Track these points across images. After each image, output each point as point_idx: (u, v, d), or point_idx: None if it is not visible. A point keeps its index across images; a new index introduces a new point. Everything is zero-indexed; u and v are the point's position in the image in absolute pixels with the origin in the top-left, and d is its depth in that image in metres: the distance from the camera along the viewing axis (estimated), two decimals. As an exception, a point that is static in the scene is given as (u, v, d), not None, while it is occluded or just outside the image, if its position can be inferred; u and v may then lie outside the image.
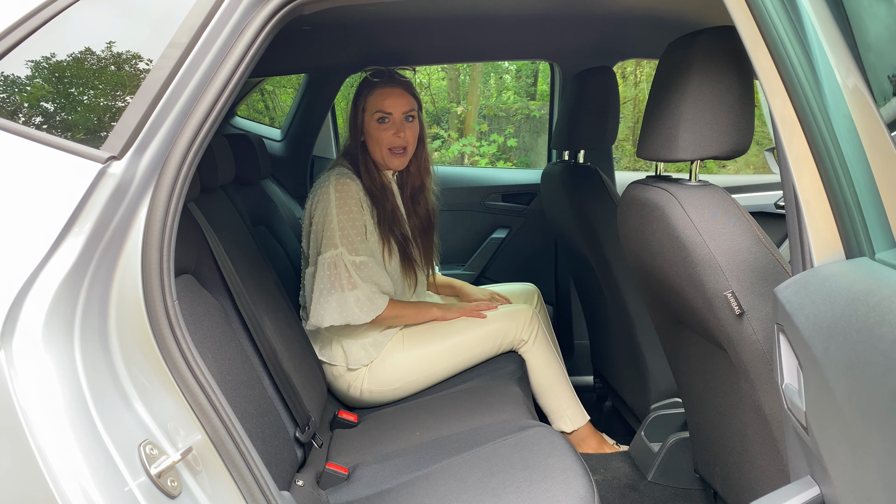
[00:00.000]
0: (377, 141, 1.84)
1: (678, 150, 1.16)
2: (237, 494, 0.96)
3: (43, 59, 0.95)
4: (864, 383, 0.70)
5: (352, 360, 1.85)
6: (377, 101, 1.83)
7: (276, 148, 2.88)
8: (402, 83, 1.87)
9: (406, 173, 1.98)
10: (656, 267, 1.29)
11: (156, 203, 0.93)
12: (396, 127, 1.84)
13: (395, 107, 1.83)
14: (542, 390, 1.98)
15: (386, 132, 1.83)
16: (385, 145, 1.84)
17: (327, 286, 1.75)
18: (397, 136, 1.84)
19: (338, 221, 1.76)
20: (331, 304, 1.74)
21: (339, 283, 1.74)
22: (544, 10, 2.09)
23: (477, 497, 1.25)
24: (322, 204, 1.79)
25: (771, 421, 1.14)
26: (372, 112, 1.83)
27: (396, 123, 1.84)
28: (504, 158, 6.70)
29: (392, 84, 1.85)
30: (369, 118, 1.84)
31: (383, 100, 1.83)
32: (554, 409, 1.99)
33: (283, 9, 0.98)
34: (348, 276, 1.75)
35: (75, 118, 0.95)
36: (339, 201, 1.77)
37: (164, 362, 0.93)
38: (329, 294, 1.75)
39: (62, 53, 0.96)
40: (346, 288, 1.74)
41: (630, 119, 6.62)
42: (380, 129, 1.83)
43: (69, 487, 0.78)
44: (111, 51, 0.96)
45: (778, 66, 0.88)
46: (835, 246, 0.87)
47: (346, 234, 1.76)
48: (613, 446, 2.03)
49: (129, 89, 0.94)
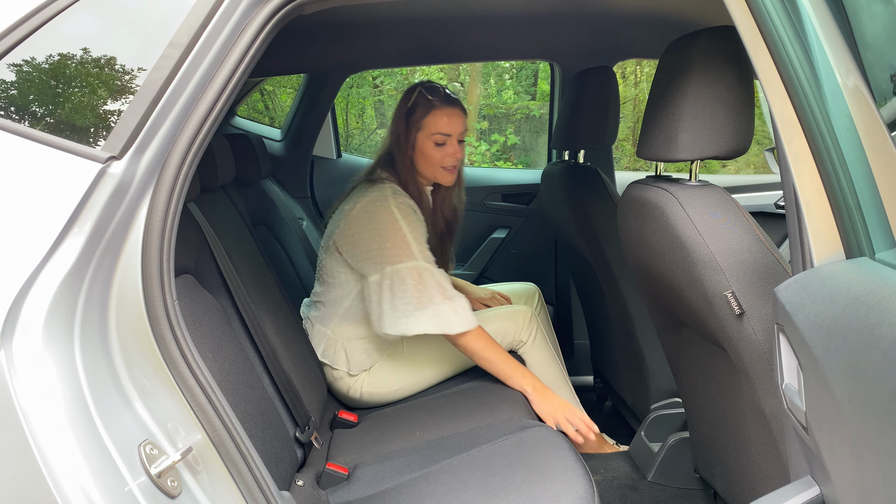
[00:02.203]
0: (431, 160, 1.82)
1: (678, 150, 1.16)
2: (237, 494, 0.96)
3: (43, 58, 0.95)
4: (864, 383, 0.70)
5: (353, 365, 1.85)
6: (437, 122, 1.79)
7: (276, 148, 2.88)
8: (458, 103, 1.85)
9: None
10: (656, 267, 1.29)
11: (156, 203, 0.93)
12: (453, 147, 1.82)
13: (454, 128, 1.81)
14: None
15: (441, 152, 1.81)
16: (438, 164, 1.83)
17: (413, 298, 1.69)
18: (453, 156, 1.83)
19: (412, 236, 1.72)
20: (423, 315, 1.69)
21: (428, 294, 1.69)
22: (544, 10, 2.09)
23: (477, 497, 1.25)
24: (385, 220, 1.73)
25: (771, 421, 1.14)
26: (430, 133, 1.80)
27: (453, 144, 1.82)
28: (504, 158, 6.70)
29: (451, 104, 1.82)
30: (425, 137, 1.81)
31: (444, 121, 1.80)
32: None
33: (283, 9, 0.98)
34: (440, 288, 1.70)
35: (75, 118, 0.95)
36: (405, 218, 1.74)
37: (164, 362, 0.93)
38: (421, 307, 1.69)
39: (62, 53, 0.96)
40: (438, 300, 1.69)
41: (630, 119, 6.62)
42: (437, 150, 1.81)
43: (69, 487, 0.78)
44: (111, 51, 0.96)
45: (778, 66, 0.88)
46: (835, 246, 0.87)
47: (422, 248, 1.74)
48: (613, 446, 2.03)
49: (129, 89, 0.94)
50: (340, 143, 3.07)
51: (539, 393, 1.72)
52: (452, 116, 1.81)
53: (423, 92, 1.82)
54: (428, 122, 1.80)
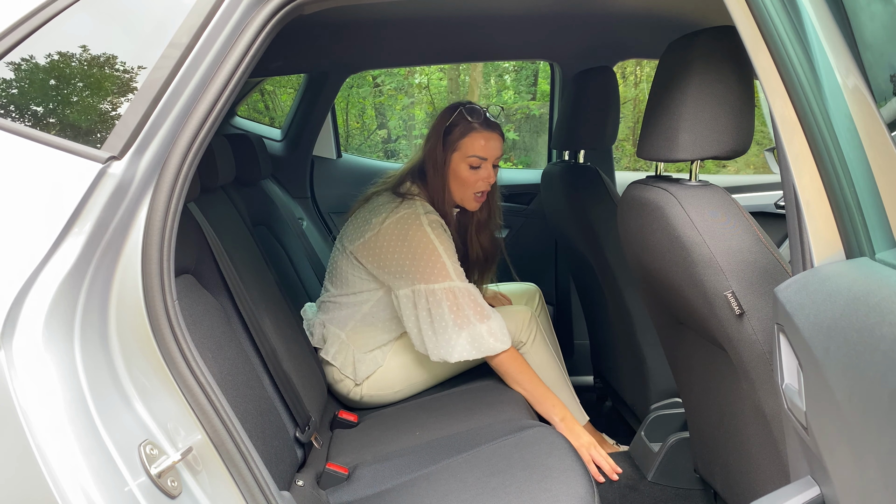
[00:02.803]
0: (464, 183, 1.80)
1: (678, 150, 1.16)
2: (237, 494, 0.96)
3: (43, 58, 0.95)
4: (864, 383, 0.70)
5: (359, 375, 1.85)
6: (475, 144, 1.77)
7: (276, 148, 2.88)
8: (497, 127, 1.82)
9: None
10: (656, 267, 1.29)
11: (156, 203, 0.93)
12: (488, 172, 1.80)
13: (491, 152, 1.79)
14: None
15: (475, 176, 1.79)
16: (471, 189, 1.80)
17: (450, 320, 1.68)
18: (486, 182, 1.81)
19: (446, 255, 1.71)
20: (461, 338, 1.68)
21: (464, 315, 1.67)
22: (544, 10, 2.09)
23: (477, 497, 1.25)
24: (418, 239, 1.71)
25: (771, 421, 1.14)
26: (466, 154, 1.77)
27: (488, 169, 1.80)
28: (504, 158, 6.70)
29: (490, 128, 1.79)
30: (460, 159, 1.78)
31: (483, 144, 1.77)
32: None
33: (283, 9, 0.98)
34: (475, 308, 1.69)
35: (75, 118, 0.95)
36: (438, 237, 1.72)
37: (164, 362, 0.93)
38: (458, 329, 1.68)
39: (62, 53, 0.96)
40: (474, 320, 1.68)
41: (630, 119, 6.63)
42: (471, 173, 1.78)
43: (69, 487, 0.78)
44: (111, 51, 0.96)
45: (778, 66, 0.88)
46: (835, 246, 0.87)
47: (456, 267, 1.72)
48: (613, 446, 2.03)
49: (130, 89, 0.94)
50: (340, 143, 3.07)
51: (568, 424, 1.71)
52: (490, 140, 1.78)
53: (464, 112, 1.79)
54: (465, 144, 1.77)
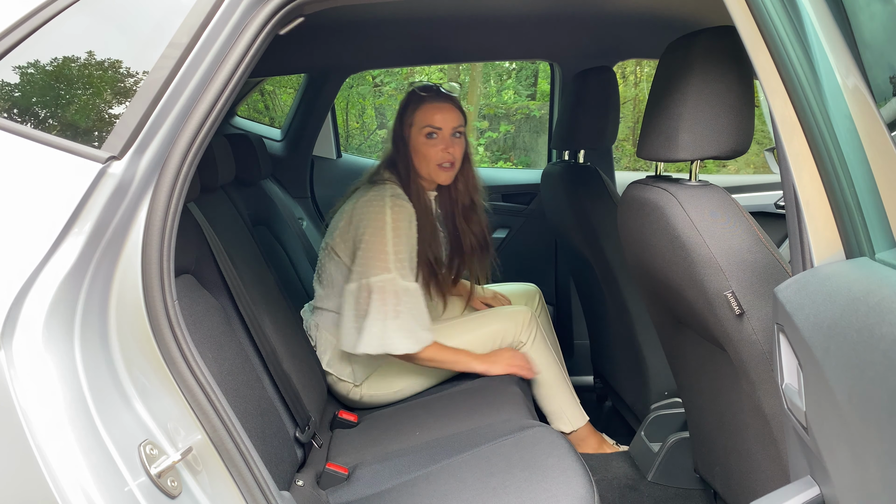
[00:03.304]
0: (424, 156, 1.81)
1: (678, 150, 1.16)
2: (237, 494, 0.95)
3: (43, 59, 0.95)
4: (864, 383, 0.70)
5: (358, 376, 1.85)
6: (426, 115, 1.80)
7: (276, 148, 2.88)
8: (450, 98, 1.84)
9: (454, 191, 1.93)
10: (656, 267, 1.29)
11: (156, 203, 0.93)
12: (445, 143, 1.80)
13: (445, 122, 1.80)
14: (541, 391, 1.98)
15: (434, 148, 1.80)
16: (433, 161, 1.81)
17: (370, 311, 1.69)
18: (446, 151, 1.80)
19: (393, 245, 1.71)
20: (372, 331, 1.69)
21: (384, 309, 1.69)
22: (544, 10, 2.09)
23: (477, 497, 1.25)
24: (375, 223, 1.73)
25: (771, 421, 1.14)
26: (420, 127, 1.80)
27: (445, 139, 1.80)
28: (504, 158, 6.70)
29: (441, 99, 1.82)
30: (417, 133, 1.80)
31: (433, 115, 1.79)
32: (553, 409, 1.99)
33: (283, 9, 0.98)
34: (395, 303, 1.69)
35: (75, 118, 0.95)
36: (395, 224, 1.72)
37: (164, 362, 0.93)
38: (372, 321, 1.69)
39: (62, 54, 0.96)
40: (389, 315, 1.69)
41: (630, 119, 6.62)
42: (428, 145, 1.80)
43: (69, 487, 0.78)
44: (111, 51, 0.96)
45: (778, 66, 0.88)
46: (835, 246, 0.87)
47: (400, 260, 1.72)
48: (613, 446, 2.03)
49: (130, 89, 0.94)
50: (340, 143, 3.07)
51: (485, 362, 1.82)
52: (443, 111, 1.80)
53: (416, 90, 1.84)
54: (418, 117, 1.80)
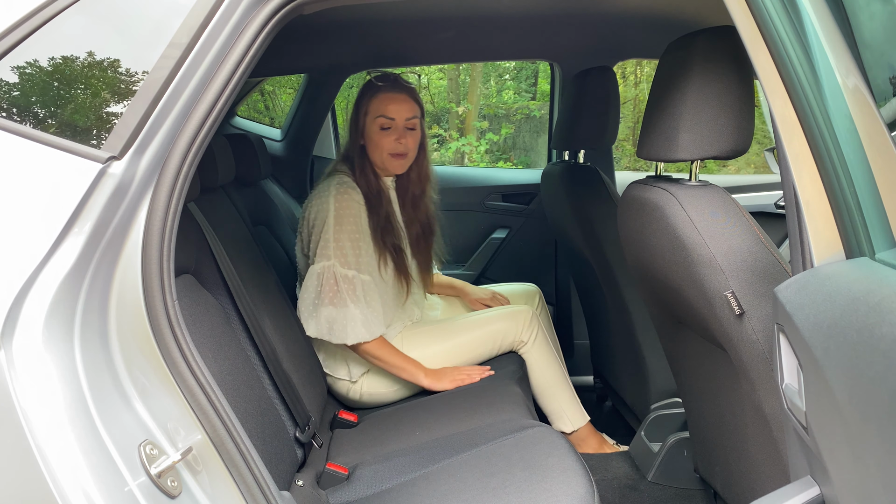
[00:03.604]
0: (377, 145, 1.81)
1: (678, 150, 1.16)
2: (237, 494, 0.96)
3: (43, 59, 0.95)
4: (864, 383, 0.70)
5: (354, 372, 1.85)
6: (380, 105, 1.80)
7: (276, 148, 2.88)
8: (406, 89, 1.84)
9: (406, 179, 1.94)
10: (656, 267, 1.29)
11: (156, 203, 0.93)
12: (398, 133, 1.81)
13: (399, 112, 1.80)
14: (541, 391, 1.98)
15: (387, 138, 1.80)
16: (385, 150, 1.81)
17: (316, 298, 1.72)
18: (398, 142, 1.81)
19: (334, 233, 1.73)
20: (320, 317, 1.71)
21: (328, 297, 1.70)
22: (544, 10, 2.09)
23: (477, 497, 1.25)
24: (321, 213, 1.76)
25: (771, 421, 1.14)
26: (374, 116, 1.80)
27: (399, 129, 1.81)
28: (504, 158, 6.70)
29: (396, 89, 1.82)
30: (371, 122, 1.81)
31: (387, 105, 1.79)
32: (554, 409, 1.99)
33: (283, 9, 0.98)
34: (336, 291, 1.70)
35: (76, 118, 0.95)
36: (338, 212, 1.74)
37: (164, 362, 0.93)
38: (318, 307, 1.71)
39: (62, 54, 0.96)
40: (336, 303, 1.70)
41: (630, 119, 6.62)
42: (381, 135, 1.80)
43: (69, 487, 0.78)
44: (111, 51, 0.96)
45: (778, 66, 0.88)
46: (835, 246, 0.87)
47: (341, 247, 1.73)
48: (613, 446, 2.03)
49: (130, 89, 0.94)
50: (340, 142, 3.07)
51: (431, 376, 1.80)
52: (397, 101, 1.80)
53: (372, 79, 1.84)
54: (372, 106, 1.81)
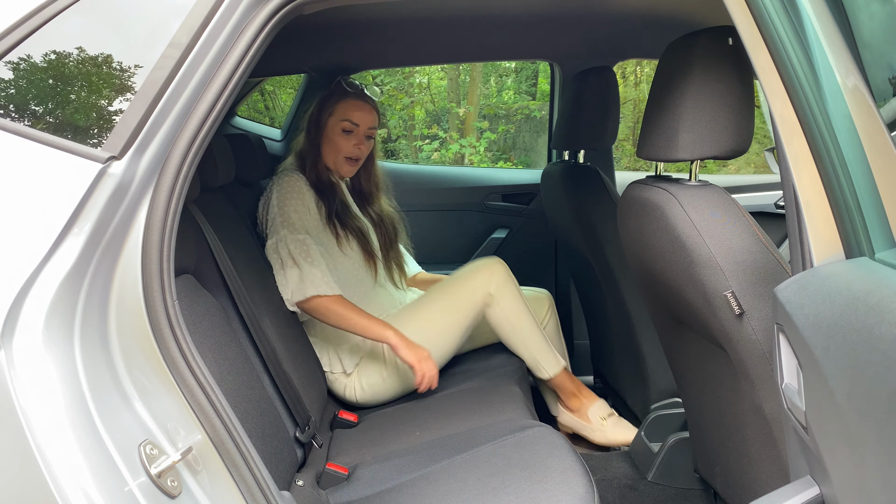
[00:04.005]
0: (336, 146, 1.91)
1: (678, 150, 1.16)
2: (237, 494, 0.96)
3: (43, 59, 0.95)
4: (863, 383, 0.70)
5: (346, 363, 1.86)
6: (347, 110, 1.90)
7: (276, 148, 2.88)
8: (372, 101, 1.97)
9: (357, 182, 2.07)
10: (656, 267, 1.29)
11: (156, 203, 0.93)
12: (358, 139, 1.92)
13: (363, 120, 1.91)
14: (514, 341, 1.97)
15: (347, 141, 1.91)
16: (343, 153, 1.91)
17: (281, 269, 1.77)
18: (357, 147, 1.92)
19: (279, 209, 1.80)
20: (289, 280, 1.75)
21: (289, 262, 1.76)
22: (544, 10, 2.09)
23: (477, 497, 1.25)
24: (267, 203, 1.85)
25: (771, 421, 1.14)
26: (339, 119, 1.90)
27: (359, 136, 1.92)
28: (504, 158, 6.70)
29: (364, 98, 1.93)
30: (334, 123, 1.90)
31: (354, 110, 1.90)
32: (527, 359, 1.98)
33: (283, 9, 0.98)
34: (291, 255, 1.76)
35: (76, 118, 0.95)
36: (280, 193, 1.82)
37: (164, 362, 0.93)
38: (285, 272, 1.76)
39: (62, 53, 0.96)
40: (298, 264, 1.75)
41: (630, 119, 6.63)
42: (342, 137, 1.90)
43: (69, 487, 0.78)
44: (111, 51, 0.96)
45: (778, 66, 0.88)
46: (835, 246, 0.87)
47: (286, 217, 1.79)
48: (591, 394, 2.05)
49: (130, 89, 0.94)
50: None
51: (403, 340, 1.76)
52: (363, 109, 1.92)
53: (342, 83, 1.94)
54: (339, 108, 1.90)
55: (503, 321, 1.93)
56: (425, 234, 2.49)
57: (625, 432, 2.01)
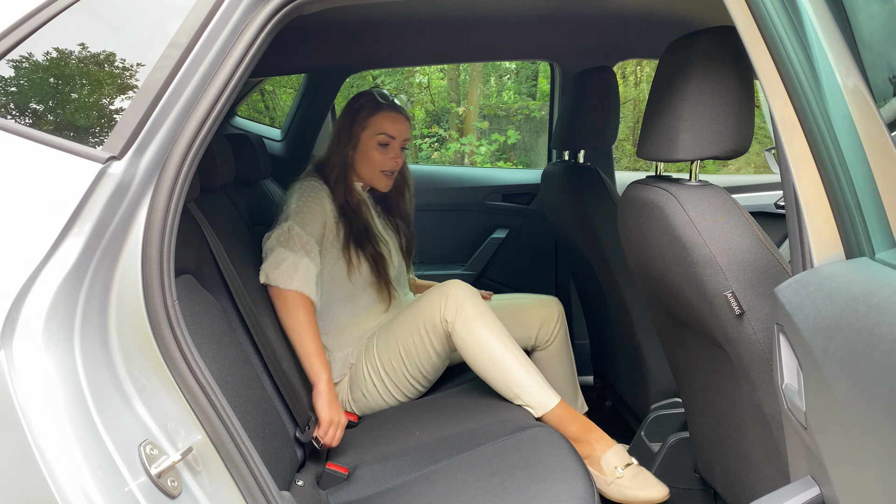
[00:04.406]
0: (371, 161, 1.85)
1: (678, 150, 1.16)
2: (237, 494, 0.96)
3: (43, 58, 0.95)
4: (864, 383, 0.70)
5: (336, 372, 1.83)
6: (383, 122, 1.84)
7: (276, 148, 2.88)
8: (405, 112, 1.91)
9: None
10: (656, 267, 1.29)
11: (156, 203, 0.93)
12: (395, 152, 1.86)
13: (399, 132, 1.86)
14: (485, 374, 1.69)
15: (384, 155, 1.85)
16: (378, 167, 1.86)
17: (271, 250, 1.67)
18: (394, 160, 1.87)
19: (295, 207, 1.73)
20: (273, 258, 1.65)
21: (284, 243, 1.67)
22: (544, 10, 2.09)
23: (477, 497, 1.25)
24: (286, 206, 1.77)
25: (771, 421, 1.14)
26: (375, 132, 1.83)
27: (395, 149, 1.86)
28: (504, 158, 6.70)
29: (397, 110, 1.88)
30: (369, 137, 1.84)
31: (391, 123, 1.84)
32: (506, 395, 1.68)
33: (283, 9, 0.98)
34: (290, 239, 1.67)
35: (76, 118, 0.95)
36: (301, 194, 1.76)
37: (164, 362, 0.93)
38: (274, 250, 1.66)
39: (63, 53, 0.96)
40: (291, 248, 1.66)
41: (630, 119, 6.63)
42: (378, 151, 1.84)
43: (69, 487, 0.78)
44: (111, 51, 0.96)
45: (778, 66, 0.88)
46: (835, 246, 0.87)
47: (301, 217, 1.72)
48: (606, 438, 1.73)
49: (130, 89, 0.94)
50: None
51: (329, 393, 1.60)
52: (398, 121, 1.86)
53: (374, 94, 1.87)
54: (374, 122, 1.83)
55: (465, 349, 1.69)
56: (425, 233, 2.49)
57: (649, 487, 1.59)
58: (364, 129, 1.84)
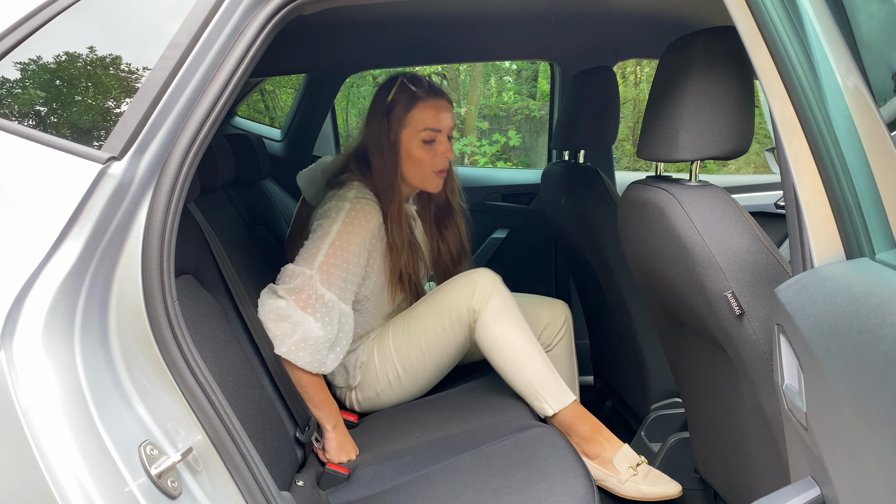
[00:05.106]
0: (419, 162, 1.59)
1: (678, 150, 1.16)
2: (237, 495, 0.96)
3: (44, 59, 0.95)
4: (864, 384, 0.70)
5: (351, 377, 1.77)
6: (425, 116, 1.56)
7: (276, 148, 2.88)
8: (444, 94, 1.61)
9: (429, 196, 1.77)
10: (656, 267, 1.29)
11: (156, 203, 0.93)
12: (444, 146, 1.59)
13: (445, 122, 1.58)
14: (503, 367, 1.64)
15: (432, 152, 1.59)
16: (429, 167, 1.59)
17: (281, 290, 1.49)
18: (445, 156, 1.60)
19: (330, 246, 1.50)
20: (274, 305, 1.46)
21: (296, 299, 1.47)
22: (544, 10, 2.09)
23: (477, 497, 1.25)
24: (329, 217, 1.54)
25: (771, 421, 1.14)
26: (418, 129, 1.57)
27: (444, 143, 1.59)
28: (504, 158, 6.70)
29: (437, 95, 1.58)
30: (411, 136, 1.57)
31: (434, 115, 1.57)
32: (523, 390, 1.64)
33: (283, 9, 0.98)
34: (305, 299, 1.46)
35: (76, 118, 0.95)
36: (346, 226, 1.51)
37: (164, 363, 0.94)
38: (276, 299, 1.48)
39: (62, 54, 0.96)
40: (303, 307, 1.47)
41: (630, 119, 6.63)
42: (424, 150, 1.58)
43: (69, 488, 0.78)
44: (111, 51, 0.96)
45: (778, 66, 0.88)
46: (835, 246, 0.87)
47: (330, 265, 1.50)
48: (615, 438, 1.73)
49: (130, 90, 0.94)
50: (340, 142, 3.07)
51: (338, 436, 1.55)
52: (441, 109, 1.59)
53: (405, 83, 1.58)
54: (414, 118, 1.57)
55: (488, 340, 1.62)
56: (425, 234, 2.49)
57: (664, 484, 1.59)
58: (404, 128, 1.58)
